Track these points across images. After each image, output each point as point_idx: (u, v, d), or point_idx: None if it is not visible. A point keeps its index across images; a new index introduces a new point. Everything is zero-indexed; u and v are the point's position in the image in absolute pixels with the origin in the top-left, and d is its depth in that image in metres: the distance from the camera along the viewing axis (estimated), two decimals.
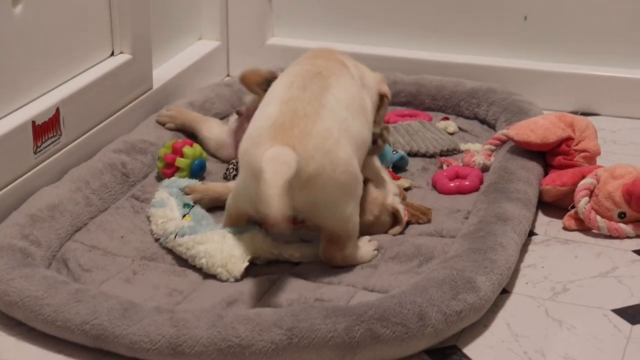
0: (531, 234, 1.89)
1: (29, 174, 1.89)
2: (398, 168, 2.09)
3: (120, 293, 1.62)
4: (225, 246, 1.71)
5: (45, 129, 1.93)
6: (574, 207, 1.90)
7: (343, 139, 1.67)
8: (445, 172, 2.06)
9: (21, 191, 1.85)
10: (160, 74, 2.37)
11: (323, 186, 1.63)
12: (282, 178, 1.53)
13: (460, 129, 2.32)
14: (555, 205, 1.97)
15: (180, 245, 1.74)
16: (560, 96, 2.46)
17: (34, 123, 1.89)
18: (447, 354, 1.54)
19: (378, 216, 1.82)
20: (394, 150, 2.09)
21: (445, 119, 2.36)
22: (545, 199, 1.97)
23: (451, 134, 2.29)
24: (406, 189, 2.01)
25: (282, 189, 1.51)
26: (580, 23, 2.47)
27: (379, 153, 1.89)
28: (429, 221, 1.88)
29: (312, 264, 1.72)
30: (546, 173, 2.03)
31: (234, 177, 2.01)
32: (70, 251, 1.76)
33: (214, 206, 1.89)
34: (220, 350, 1.46)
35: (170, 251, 1.77)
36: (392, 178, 1.95)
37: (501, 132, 2.12)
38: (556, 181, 1.95)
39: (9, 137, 1.83)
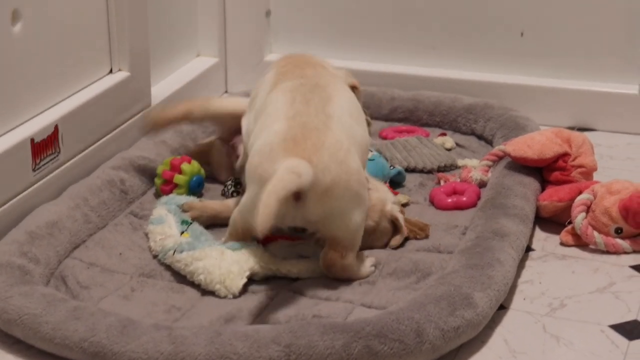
0: (528, 249, 1.89)
1: (27, 191, 1.89)
2: (395, 183, 2.09)
3: (119, 310, 1.62)
4: (224, 262, 1.71)
5: (44, 146, 1.93)
6: (571, 222, 1.91)
7: (352, 147, 1.69)
8: (443, 188, 2.07)
9: (20, 208, 1.86)
10: (158, 91, 2.38)
11: (339, 196, 1.65)
12: (285, 187, 1.55)
13: (458, 144, 2.33)
14: (552, 220, 1.97)
15: (178, 261, 1.74)
16: (557, 112, 2.47)
17: (32, 140, 1.90)
18: None
19: (378, 222, 1.82)
20: (391, 166, 2.10)
21: (442, 134, 2.37)
22: (542, 214, 1.98)
23: (448, 149, 2.29)
24: (404, 204, 2.01)
25: (279, 198, 1.52)
26: (576, 39, 2.47)
27: None
28: (426, 237, 1.88)
29: (310, 280, 1.73)
30: (543, 189, 2.03)
31: (232, 194, 2.01)
32: (68, 268, 1.76)
33: (212, 224, 1.90)
34: None
35: (168, 268, 1.78)
36: None
37: (498, 148, 2.12)
38: (553, 197, 1.96)
39: (8, 154, 1.84)
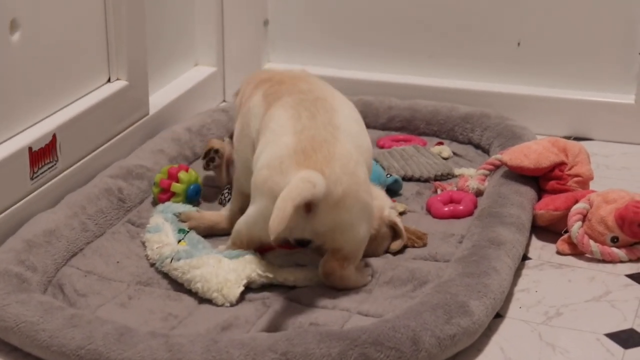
0: (525, 258, 1.89)
1: (25, 199, 1.89)
2: (392, 192, 2.10)
3: (116, 318, 1.62)
4: (221, 270, 1.71)
5: (42, 155, 1.93)
6: (567, 231, 1.91)
7: (360, 158, 1.70)
8: (440, 197, 2.07)
9: (17, 217, 1.86)
10: (156, 100, 2.38)
11: (349, 207, 1.66)
12: (300, 194, 1.56)
13: (455, 153, 2.33)
14: (548, 229, 1.98)
15: (176, 269, 1.75)
16: (554, 121, 2.47)
17: (30, 149, 1.90)
18: None
19: (378, 229, 1.83)
20: (388, 174, 2.10)
21: (439, 143, 2.37)
22: (538, 223, 1.98)
23: (445, 158, 2.30)
24: (400, 213, 2.01)
25: (294, 204, 1.54)
26: (573, 49, 2.48)
27: None
28: (424, 245, 1.89)
29: (306, 288, 1.73)
30: (539, 198, 2.04)
31: (229, 200, 2.02)
32: (66, 276, 1.77)
33: (209, 234, 1.90)
34: None
35: (165, 276, 1.78)
36: None
37: (495, 157, 2.13)
38: (549, 206, 1.96)
39: (6, 163, 1.84)
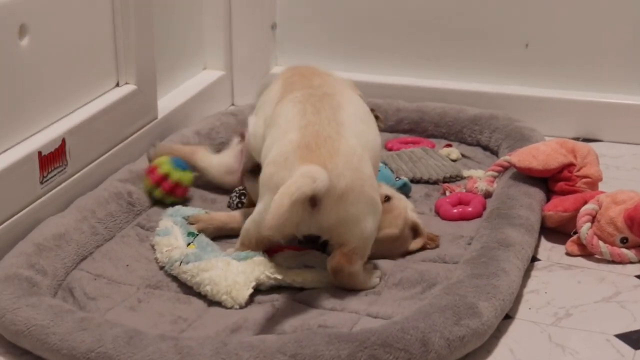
0: (534, 259, 1.89)
1: (35, 203, 1.90)
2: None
3: (125, 321, 1.63)
4: (230, 273, 1.71)
5: (52, 159, 1.94)
6: (576, 232, 1.91)
7: (365, 154, 1.71)
8: (448, 199, 2.07)
9: (27, 221, 1.87)
10: (165, 104, 2.39)
11: (354, 201, 1.66)
12: (299, 189, 1.57)
13: (463, 155, 2.33)
14: (557, 230, 1.98)
15: (185, 272, 1.75)
16: (562, 122, 2.47)
17: (40, 153, 1.91)
18: None
19: (402, 230, 1.84)
20: (397, 177, 2.10)
21: (448, 145, 2.37)
22: (547, 224, 1.98)
23: (454, 160, 2.30)
24: None
25: (292, 199, 1.55)
26: (581, 50, 2.48)
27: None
28: (437, 246, 1.90)
29: (315, 290, 1.73)
30: (548, 199, 2.03)
31: (237, 205, 2.02)
32: (76, 280, 1.77)
33: (218, 235, 1.91)
34: None
35: (174, 279, 1.78)
36: None
37: (503, 159, 2.13)
38: (558, 207, 1.96)
39: (16, 167, 1.85)
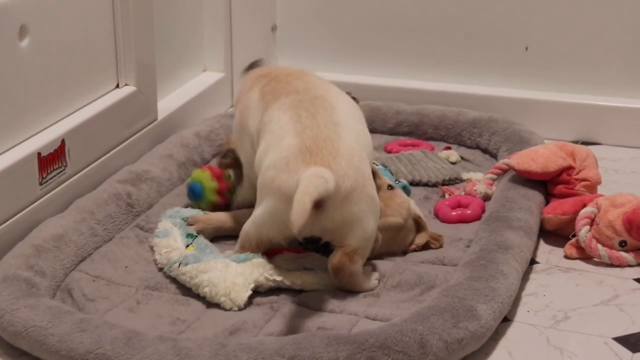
0: (532, 262, 1.89)
1: (34, 204, 1.90)
2: None
3: (124, 322, 1.63)
4: (229, 275, 1.72)
5: (51, 160, 1.94)
6: (575, 235, 1.91)
7: (363, 152, 1.72)
8: (447, 201, 2.07)
9: (26, 222, 1.87)
10: (165, 105, 2.39)
11: (357, 200, 1.67)
12: (317, 189, 1.58)
13: (462, 158, 2.34)
14: (556, 233, 1.98)
15: (184, 274, 1.75)
16: (561, 125, 2.47)
17: (39, 154, 1.91)
18: None
19: (406, 219, 1.85)
20: (396, 180, 2.11)
21: (447, 148, 2.37)
22: (546, 227, 1.98)
23: (453, 163, 2.30)
24: None
25: (312, 198, 1.56)
26: (580, 53, 2.48)
27: None
28: (441, 246, 1.90)
29: (314, 292, 1.73)
30: (547, 202, 2.04)
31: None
32: (74, 281, 1.77)
33: (217, 236, 1.91)
34: None
35: (173, 280, 1.79)
36: None
37: (502, 162, 2.13)
38: (557, 210, 1.96)
39: (15, 168, 1.85)
